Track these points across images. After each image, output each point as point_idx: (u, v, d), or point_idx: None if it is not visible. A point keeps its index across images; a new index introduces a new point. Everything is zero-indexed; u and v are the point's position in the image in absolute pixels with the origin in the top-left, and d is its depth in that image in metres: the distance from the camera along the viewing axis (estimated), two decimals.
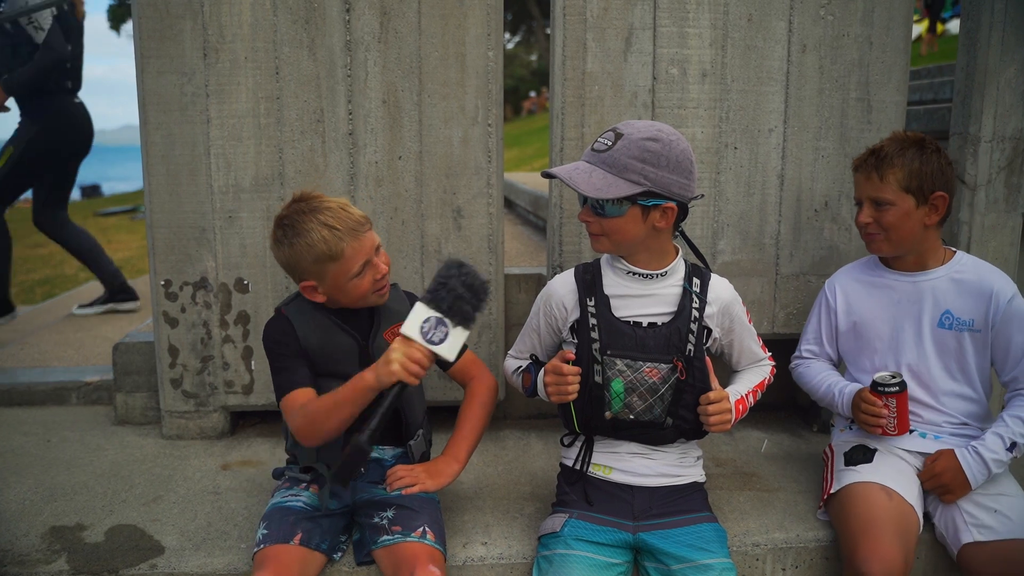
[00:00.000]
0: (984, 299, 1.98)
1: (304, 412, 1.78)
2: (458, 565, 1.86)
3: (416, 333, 1.64)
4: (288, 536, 1.76)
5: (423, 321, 1.64)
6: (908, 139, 2.00)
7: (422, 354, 1.64)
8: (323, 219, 1.79)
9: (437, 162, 2.46)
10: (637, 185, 1.73)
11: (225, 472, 2.33)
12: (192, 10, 2.35)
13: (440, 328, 1.65)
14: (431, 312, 1.65)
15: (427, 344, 1.64)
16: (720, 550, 1.80)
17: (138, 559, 1.85)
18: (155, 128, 2.40)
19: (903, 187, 1.96)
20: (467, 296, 1.65)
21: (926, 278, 2.04)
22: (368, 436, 1.61)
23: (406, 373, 1.63)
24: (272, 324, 1.92)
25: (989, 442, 1.92)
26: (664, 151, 1.73)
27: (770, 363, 2.06)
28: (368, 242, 1.84)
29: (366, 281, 1.84)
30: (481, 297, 1.68)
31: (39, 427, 2.68)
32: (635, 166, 1.73)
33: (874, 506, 1.86)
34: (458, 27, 2.40)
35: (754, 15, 2.44)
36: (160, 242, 2.45)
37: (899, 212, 1.97)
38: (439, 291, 1.65)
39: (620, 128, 1.77)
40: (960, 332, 2.01)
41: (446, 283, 1.65)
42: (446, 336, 1.65)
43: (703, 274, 1.91)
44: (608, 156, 1.75)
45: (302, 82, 2.39)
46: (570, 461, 1.96)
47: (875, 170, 1.99)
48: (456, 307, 1.65)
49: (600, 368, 1.82)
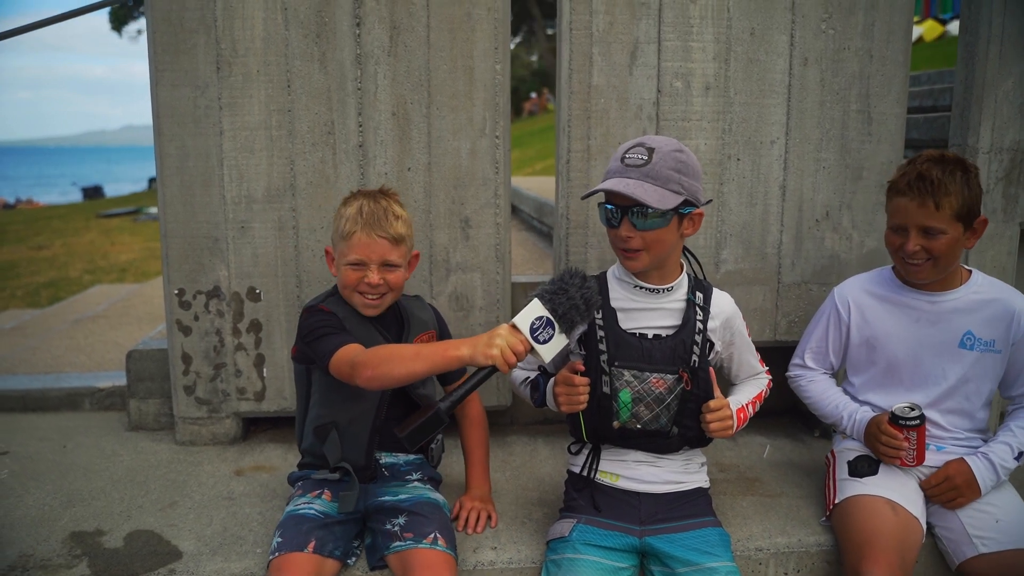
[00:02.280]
0: (1006, 320, 2.00)
1: (377, 351, 1.76)
2: (469, 570, 1.91)
3: (526, 326, 1.65)
4: (302, 544, 1.81)
5: (536, 318, 1.65)
6: (950, 161, 1.93)
7: (524, 347, 1.65)
8: (363, 203, 1.94)
9: (445, 173, 2.50)
10: (679, 195, 1.79)
11: (239, 478, 2.38)
12: (205, 24, 2.40)
13: (548, 329, 1.66)
14: (545, 311, 1.66)
15: (532, 340, 1.65)
16: (724, 554, 1.85)
17: (157, 564, 1.90)
18: (169, 140, 2.44)
19: (955, 215, 1.90)
20: (582, 308, 1.68)
21: (947, 299, 2.03)
22: (449, 407, 1.62)
23: (503, 360, 1.62)
24: (313, 311, 1.96)
25: (998, 450, 1.96)
26: (689, 160, 1.82)
27: (767, 376, 2.10)
28: (377, 248, 1.91)
29: (353, 276, 1.93)
30: (591, 315, 1.73)
31: (54, 433, 2.73)
32: (675, 176, 1.79)
33: (878, 520, 1.89)
34: (466, 40, 2.45)
35: (756, 29, 2.49)
36: (174, 252, 2.50)
37: (950, 240, 1.91)
38: (559, 295, 1.67)
39: (647, 142, 1.82)
40: (982, 353, 2.02)
41: (567, 290, 1.67)
42: (551, 338, 1.66)
43: (706, 287, 1.96)
44: (650, 169, 1.78)
45: (313, 95, 2.44)
46: (577, 468, 2.01)
47: (931, 197, 1.89)
48: (568, 315, 1.67)
49: (608, 379, 1.87)
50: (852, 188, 2.60)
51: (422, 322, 2.08)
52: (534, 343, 1.65)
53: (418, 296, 2.20)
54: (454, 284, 2.57)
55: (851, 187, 2.60)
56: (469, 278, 2.57)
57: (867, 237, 2.62)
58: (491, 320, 2.59)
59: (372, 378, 1.72)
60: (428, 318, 2.12)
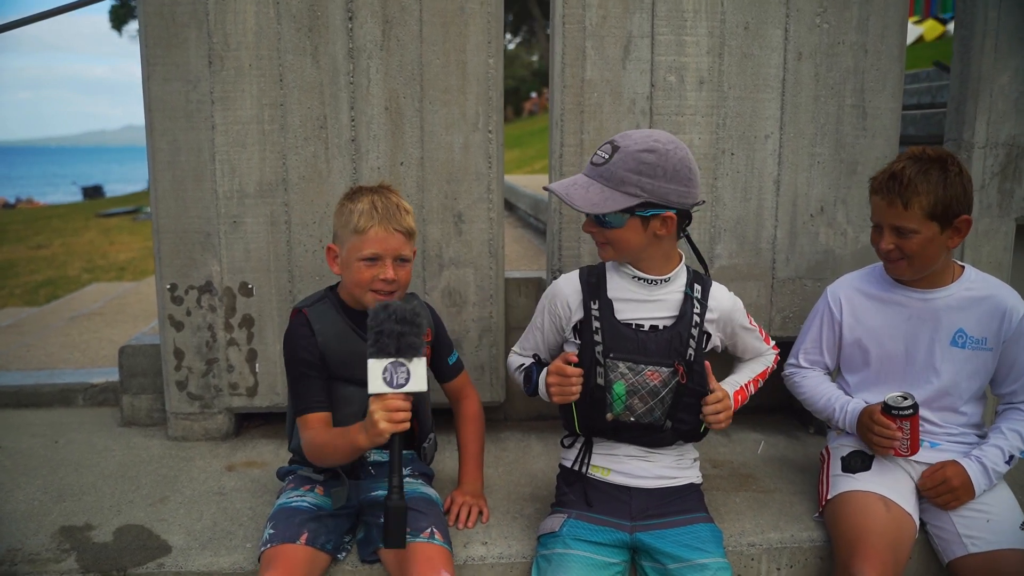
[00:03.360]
0: (998, 317, 1.98)
1: (310, 443, 1.88)
2: (459, 564, 1.90)
3: (382, 387, 1.67)
4: (295, 536, 1.80)
5: (382, 373, 1.68)
6: (929, 159, 1.89)
7: (398, 400, 1.67)
8: (374, 199, 1.92)
9: (438, 168, 2.50)
10: (634, 197, 1.77)
11: (230, 473, 2.37)
12: (197, 18, 2.39)
13: (400, 370, 1.68)
14: (384, 362, 1.68)
15: (397, 390, 1.68)
16: (716, 550, 1.84)
17: (146, 558, 1.89)
18: (161, 134, 2.44)
19: (927, 214, 1.86)
20: (406, 329, 1.68)
21: (938, 296, 2.01)
22: (398, 495, 1.67)
23: (393, 425, 1.66)
24: (292, 327, 1.98)
25: (990, 453, 1.95)
26: (660, 161, 1.77)
27: (773, 352, 2.10)
28: (393, 241, 1.89)
29: (367, 273, 1.90)
30: (418, 323, 1.70)
31: (46, 428, 2.72)
32: (631, 179, 1.76)
33: (871, 517, 1.88)
34: (459, 35, 2.44)
35: (751, 23, 2.48)
36: (166, 247, 2.49)
37: (923, 239, 1.89)
38: (379, 340, 1.67)
39: (617, 140, 1.81)
40: (973, 351, 2.00)
41: (382, 329, 1.67)
42: (409, 374, 1.68)
43: (704, 280, 1.95)
44: (605, 170, 1.79)
45: (305, 89, 2.43)
46: (569, 462, 2.00)
47: (899, 197, 1.87)
48: (402, 344, 1.67)
49: (602, 370, 1.86)
50: (847, 183, 2.59)
51: None
52: (400, 391, 1.68)
53: (413, 293, 2.17)
54: (447, 279, 2.56)
55: (846, 182, 2.59)
56: (462, 273, 2.56)
57: (861, 232, 2.61)
58: (484, 315, 2.58)
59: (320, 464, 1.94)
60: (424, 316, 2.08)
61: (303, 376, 1.94)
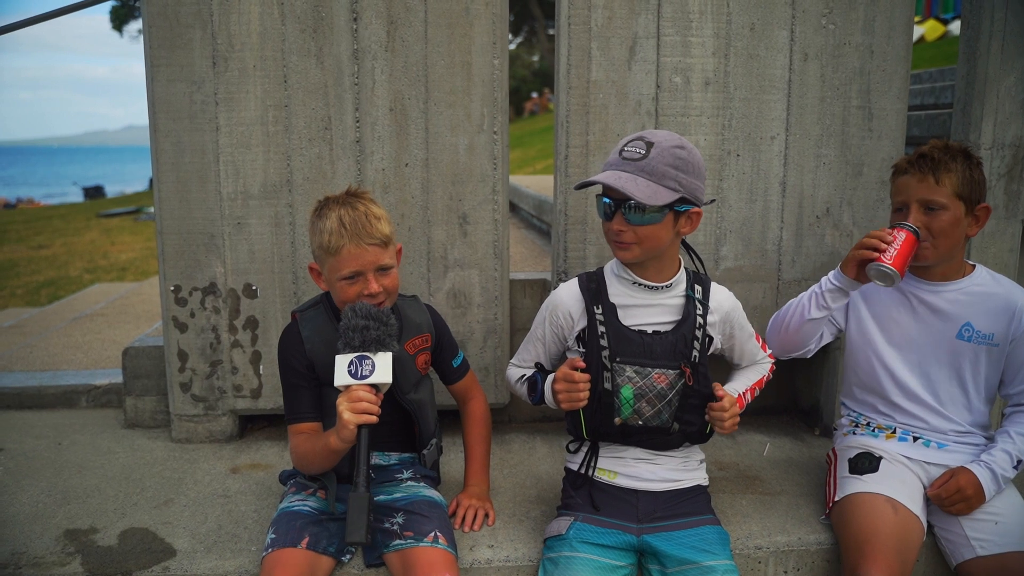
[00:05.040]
0: (1007, 314, 1.98)
1: (295, 452, 1.91)
2: (465, 568, 1.89)
3: (347, 379, 1.72)
4: (296, 540, 1.79)
5: (347, 366, 1.72)
6: (954, 148, 1.96)
7: (362, 391, 1.71)
8: (342, 214, 1.85)
9: (443, 169, 2.49)
10: (675, 192, 1.77)
11: (234, 475, 2.36)
12: (202, 19, 2.38)
13: (365, 363, 1.73)
14: (349, 356, 1.73)
15: (361, 381, 1.71)
16: (723, 552, 1.83)
17: (151, 561, 1.88)
18: (165, 136, 2.43)
19: (956, 192, 1.92)
20: (370, 324, 1.73)
21: (948, 289, 2.02)
22: (363, 487, 1.69)
23: (358, 416, 1.68)
24: (284, 334, 2.00)
25: (999, 459, 1.95)
26: (690, 158, 1.79)
27: (769, 361, 2.10)
28: (368, 256, 1.84)
29: (351, 291, 1.86)
30: (382, 319, 1.74)
31: (50, 430, 2.72)
32: (671, 173, 1.77)
33: (878, 519, 1.87)
34: (464, 36, 2.43)
35: (756, 24, 2.47)
36: (170, 248, 2.48)
37: (951, 218, 1.93)
38: (344, 335, 1.73)
39: (648, 136, 1.80)
40: (979, 345, 2.01)
41: (348, 325, 1.73)
42: (373, 366, 1.72)
43: (704, 281, 1.95)
44: (646, 164, 1.77)
45: (310, 90, 2.43)
46: (575, 466, 1.99)
47: (931, 172, 1.92)
48: (367, 337, 1.72)
49: (610, 375, 1.85)
50: (852, 184, 2.58)
51: (416, 325, 2.03)
52: (364, 381, 1.71)
53: (415, 296, 2.15)
54: (452, 281, 2.55)
55: (851, 183, 2.58)
56: (467, 275, 2.55)
57: None
58: (489, 317, 2.57)
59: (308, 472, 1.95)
60: (423, 320, 2.06)
61: (293, 386, 1.96)
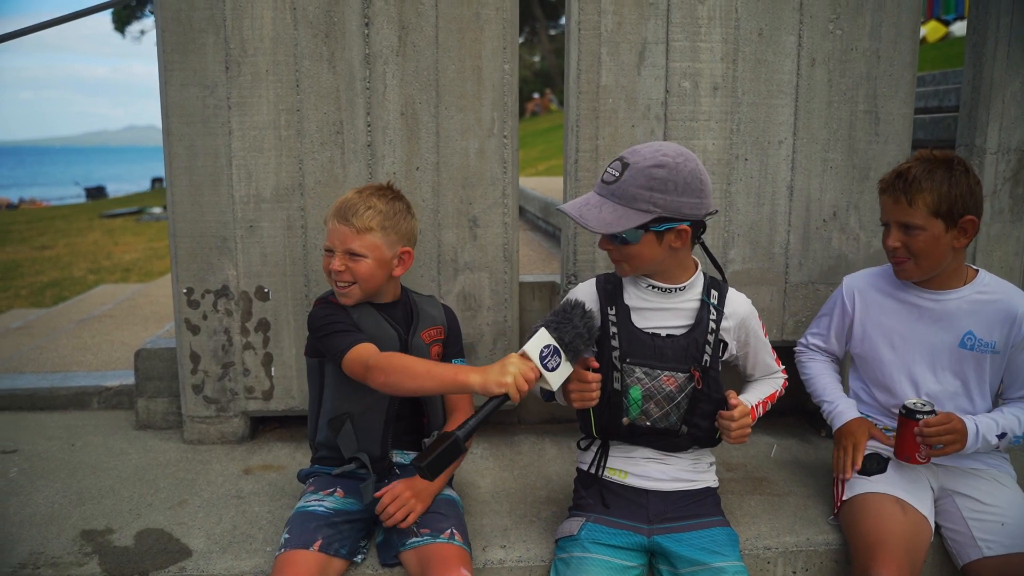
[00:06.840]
0: (1008, 321, 1.99)
1: (392, 358, 1.80)
2: (478, 568, 1.91)
3: (536, 354, 1.68)
4: (308, 542, 1.81)
5: (544, 346, 1.68)
6: (936, 159, 1.94)
7: (535, 375, 1.68)
8: (353, 196, 1.99)
9: (454, 173, 2.51)
10: (647, 213, 1.77)
11: (247, 476, 2.38)
12: (215, 24, 2.40)
13: (555, 357, 1.70)
14: (552, 340, 1.69)
15: (542, 368, 1.68)
16: (732, 553, 1.85)
17: (167, 561, 1.90)
18: (178, 139, 2.45)
19: (932, 212, 1.91)
20: (585, 336, 1.73)
21: (949, 298, 2.03)
22: (465, 435, 1.63)
23: (516, 388, 1.64)
24: (323, 304, 2.02)
25: (985, 422, 1.95)
26: (671, 176, 1.76)
27: (783, 376, 2.11)
28: (337, 234, 1.96)
29: (326, 263, 1.99)
30: (592, 343, 1.78)
31: (63, 431, 2.74)
32: (643, 195, 1.76)
33: (888, 519, 1.89)
34: (475, 41, 2.45)
35: (764, 30, 2.49)
36: (182, 251, 2.50)
37: (929, 237, 1.93)
38: (564, 325, 1.70)
39: (627, 157, 1.80)
40: (981, 353, 2.02)
41: (571, 319, 1.71)
42: (558, 366, 1.70)
43: (721, 287, 1.96)
44: (616, 188, 1.78)
45: (322, 94, 2.45)
46: (586, 465, 2.01)
47: (903, 194, 1.93)
48: (574, 344, 1.71)
49: (619, 375, 1.87)
50: (859, 188, 2.60)
51: (431, 317, 2.10)
52: (544, 370, 1.68)
53: (432, 296, 2.22)
54: (462, 284, 2.57)
55: (858, 187, 2.60)
56: (477, 277, 2.57)
57: (874, 237, 2.62)
58: (499, 319, 2.60)
59: (384, 384, 1.77)
60: (437, 314, 2.13)
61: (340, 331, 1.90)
